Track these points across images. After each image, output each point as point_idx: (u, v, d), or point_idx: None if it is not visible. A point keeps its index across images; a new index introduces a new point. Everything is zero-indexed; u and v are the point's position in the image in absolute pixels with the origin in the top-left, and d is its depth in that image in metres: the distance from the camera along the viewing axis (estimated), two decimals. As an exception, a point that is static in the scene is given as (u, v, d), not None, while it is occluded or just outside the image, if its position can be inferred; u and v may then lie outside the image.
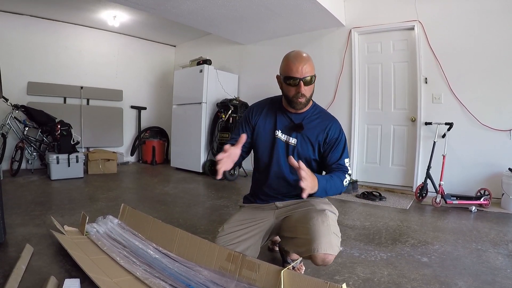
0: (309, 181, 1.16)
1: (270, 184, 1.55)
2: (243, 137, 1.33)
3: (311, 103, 1.52)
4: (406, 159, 3.94)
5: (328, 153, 1.46)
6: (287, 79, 1.38)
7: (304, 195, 1.14)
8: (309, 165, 1.47)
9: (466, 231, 2.43)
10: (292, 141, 1.48)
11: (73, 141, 4.44)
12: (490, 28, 3.30)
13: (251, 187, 1.70)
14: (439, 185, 3.18)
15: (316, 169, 1.52)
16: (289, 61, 1.38)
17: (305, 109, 1.50)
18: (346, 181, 1.41)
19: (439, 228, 2.51)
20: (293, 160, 1.16)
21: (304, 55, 1.39)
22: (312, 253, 1.26)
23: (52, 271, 1.53)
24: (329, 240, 1.27)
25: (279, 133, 1.50)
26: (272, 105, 1.57)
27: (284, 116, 1.52)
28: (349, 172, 1.45)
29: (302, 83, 1.36)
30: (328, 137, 1.46)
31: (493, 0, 3.27)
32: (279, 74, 1.45)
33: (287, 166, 1.49)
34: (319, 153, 1.49)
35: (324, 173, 1.51)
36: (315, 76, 1.40)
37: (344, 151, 1.47)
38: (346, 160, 1.47)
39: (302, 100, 1.40)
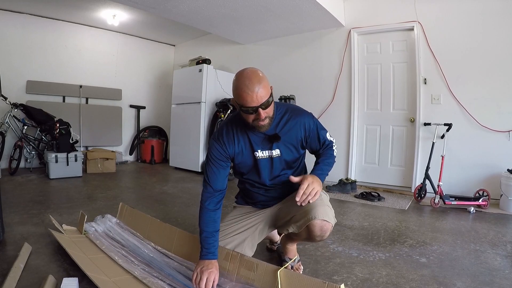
0: (310, 189, 1.26)
1: (266, 194, 1.57)
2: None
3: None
4: (405, 159, 3.94)
5: (312, 144, 1.50)
6: (244, 108, 1.27)
7: (316, 197, 1.27)
8: (298, 160, 1.54)
9: (465, 231, 2.43)
10: (275, 153, 1.44)
11: (72, 140, 4.43)
12: (490, 29, 3.30)
13: (244, 193, 1.68)
14: (438, 185, 3.18)
15: (304, 155, 1.58)
16: (241, 89, 1.23)
17: None
18: (335, 152, 1.53)
19: (437, 228, 2.51)
20: (294, 179, 1.32)
21: (257, 75, 1.25)
22: (310, 221, 1.33)
23: (50, 270, 1.52)
24: (324, 209, 1.35)
25: (259, 153, 1.44)
26: (238, 126, 1.43)
27: (256, 134, 1.42)
28: (334, 143, 1.54)
29: (260, 109, 1.25)
30: (307, 132, 1.45)
31: (492, 1, 3.28)
32: (233, 98, 1.31)
33: (280, 177, 1.50)
34: (303, 147, 1.49)
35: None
36: (271, 95, 1.29)
37: (323, 131, 1.50)
38: (327, 135, 1.51)
39: (265, 122, 1.31)
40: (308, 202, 1.26)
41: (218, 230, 1.40)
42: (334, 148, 1.53)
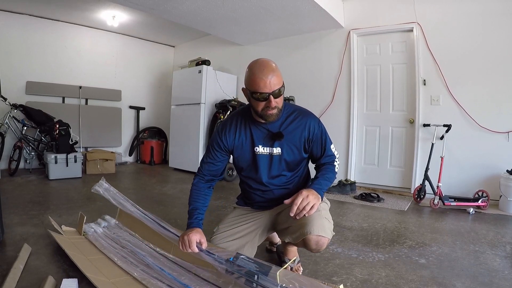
0: (305, 203, 1.23)
1: (263, 195, 1.56)
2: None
3: None
4: (404, 160, 3.94)
5: (314, 148, 1.47)
6: (255, 94, 1.29)
7: (313, 211, 1.24)
8: (300, 165, 1.51)
9: (464, 232, 2.43)
10: (276, 151, 1.43)
11: (72, 140, 4.43)
12: (489, 30, 3.31)
13: (244, 194, 1.68)
14: (437, 186, 3.19)
15: (307, 161, 1.57)
16: (254, 75, 1.27)
17: None
18: (336, 168, 1.49)
19: (437, 229, 2.51)
20: (287, 201, 1.28)
21: (271, 64, 1.29)
22: (305, 236, 1.30)
23: (49, 271, 1.52)
24: (321, 223, 1.32)
25: (259, 148, 1.44)
26: (243, 120, 1.47)
27: (259, 129, 1.44)
28: (337, 157, 1.51)
29: (271, 97, 1.27)
30: (310, 134, 1.44)
31: (492, 3, 3.29)
32: (245, 87, 1.36)
33: (279, 177, 1.49)
34: (305, 150, 1.48)
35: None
36: (283, 86, 1.32)
37: (327, 140, 1.48)
38: (331, 146, 1.49)
39: (274, 111, 1.32)
40: (304, 215, 1.26)
41: (206, 207, 1.46)
42: (336, 164, 1.49)
